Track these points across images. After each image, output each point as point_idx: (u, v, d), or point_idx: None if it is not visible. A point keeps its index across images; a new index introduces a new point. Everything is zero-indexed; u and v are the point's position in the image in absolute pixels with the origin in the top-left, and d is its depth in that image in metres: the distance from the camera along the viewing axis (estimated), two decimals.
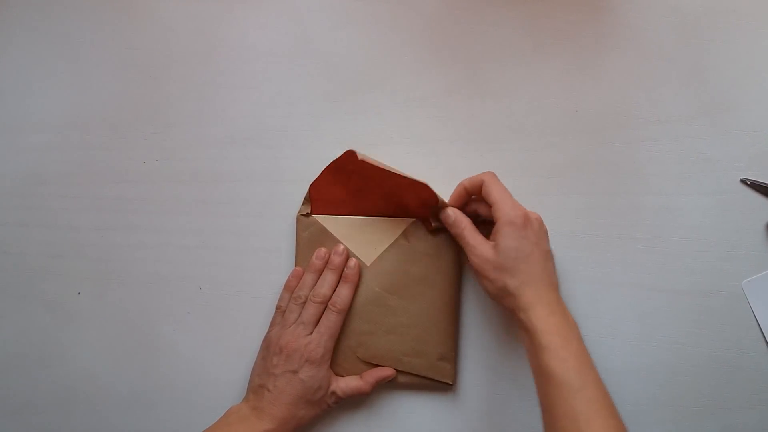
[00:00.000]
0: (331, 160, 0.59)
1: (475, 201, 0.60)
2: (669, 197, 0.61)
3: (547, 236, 0.57)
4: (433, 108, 0.62)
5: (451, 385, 0.62)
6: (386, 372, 0.61)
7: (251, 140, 0.62)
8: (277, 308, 0.61)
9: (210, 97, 0.63)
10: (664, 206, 0.61)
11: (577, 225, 0.62)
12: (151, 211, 0.63)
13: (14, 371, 0.64)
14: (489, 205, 0.56)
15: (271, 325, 0.61)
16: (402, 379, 0.61)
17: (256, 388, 0.59)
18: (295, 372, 0.58)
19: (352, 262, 0.60)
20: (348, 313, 0.60)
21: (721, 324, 0.61)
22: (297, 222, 0.62)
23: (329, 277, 0.60)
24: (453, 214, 0.58)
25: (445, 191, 0.62)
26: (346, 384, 0.60)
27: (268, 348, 0.60)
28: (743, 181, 0.61)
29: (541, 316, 0.53)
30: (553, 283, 0.56)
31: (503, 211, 0.55)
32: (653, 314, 0.62)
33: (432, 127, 0.62)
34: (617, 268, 0.62)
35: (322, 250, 0.60)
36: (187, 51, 0.63)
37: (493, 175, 0.57)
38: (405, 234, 0.61)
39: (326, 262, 0.61)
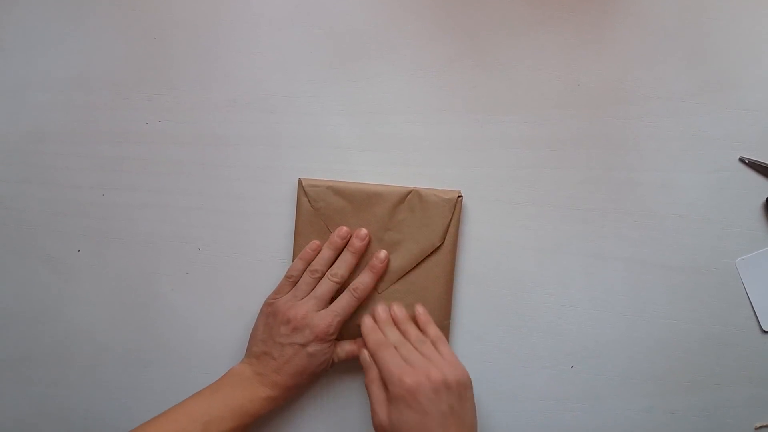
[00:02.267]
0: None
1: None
2: (667, 174, 0.62)
3: (446, 395, 0.51)
4: (434, 77, 0.62)
5: None
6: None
7: (253, 105, 0.63)
8: (287, 276, 0.61)
9: (213, 61, 0.63)
10: (662, 182, 0.62)
11: (574, 198, 0.62)
12: (152, 171, 0.64)
13: (13, 326, 0.65)
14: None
15: (278, 292, 0.61)
16: None
17: (260, 354, 0.59)
18: (303, 345, 0.58)
19: (383, 254, 0.61)
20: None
21: (713, 301, 0.62)
22: (298, 187, 0.62)
23: (349, 259, 0.60)
24: (368, 360, 0.56)
25: (444, 162, 0.62)
26: (342, 348, 0.61)
27: (275, 315, 0.59)
28: (742, 160, 0.62)
29: None
30: None
31: (388, 381, 0.52)
32: (646, 289, 0.62)
33: (433, 97, 0.62)
34: (612, 242, 0.62)
35: (344, 229, 0.61)
36: (192, 14, 0.63)
37: (379, 344, 0.55)
38: (405, 204, 0.61)
39: (346, 241, 0.61)
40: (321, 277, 0.60)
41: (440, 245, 0.61)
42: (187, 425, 0.54)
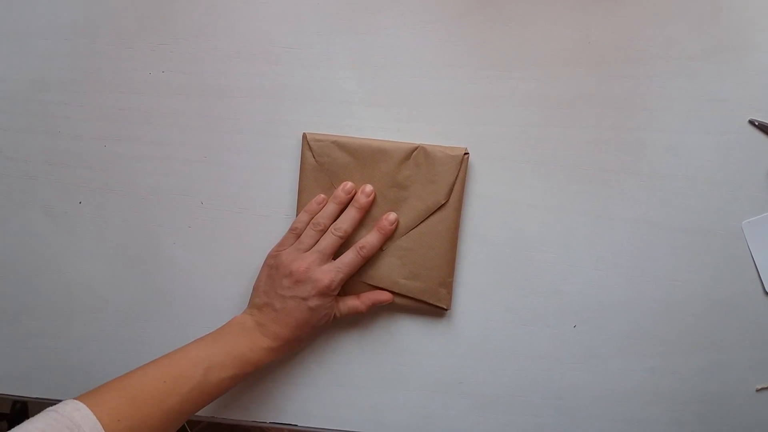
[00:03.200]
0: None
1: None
2: (675, 135, 0.61)
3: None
4: (443, 31, 0.61)
5: (447, 310, 0.63)
6: (384, 296, 0.61)
7: (258, 56, 0.62)
8: (291, 229, 0.61)
9: (218, 11, 0.62)
10: (670, 143, 0.61)
11: (581, 158, 0.62)
12: (155, 123, 0.63)
13: (13, 277, 0.65)
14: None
15: (281, 244, 0.61)
16: (399, 301, 0.62)
17: (261, 305, 0.59)
18: (304, 299, 0.58)
19: (392, 216, 0.60)
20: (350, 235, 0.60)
21: (718, 263, 0.62)
22: (302, 141, 0.61)
23: (354, 215, 0.60)
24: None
25: (451, 119, 0.62)
26: (344, 304, 0.61)
27: (278, 268, 0.59)
28: (751, 122, 0.61)
29: None
30: None
31: None
32: (651, 250, 0.62)
33: (441, 51, 0.61)
34: (618, 202, 0.62)
35: (349, 184, 0.60)
36: None
37: None
38: (411, 160, 0.61)
39: (351, 197, 0.60)
40: (324, 231, 0.59)
41: (445, 202, 0.61)
42: (188, 369, 0.54)
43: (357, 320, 0.63)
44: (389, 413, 0.64)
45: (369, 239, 0.60)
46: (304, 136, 0.61)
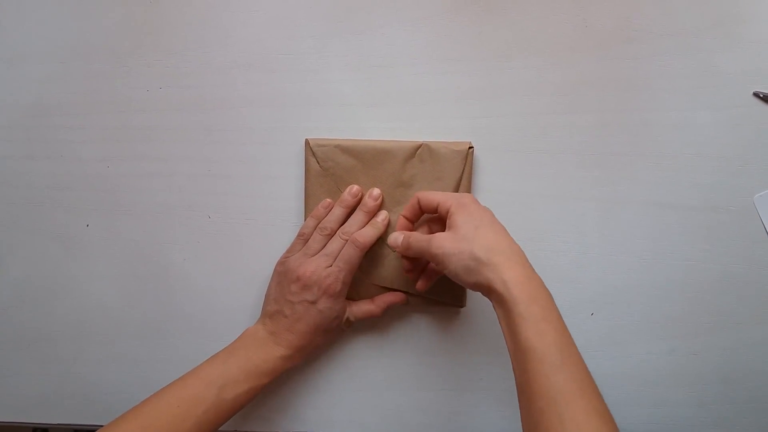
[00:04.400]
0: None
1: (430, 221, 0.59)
2: (680, 113, 0.61)
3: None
4: (438, 26, 0.60)
5: (462, 307, 0.62)
6: (397, 297, 0.61)
7: (254, 65, 0.61)
8: (299, 235, 0.60)
9: (211, 22, 0.61)
10: (676, 122, 0.61)
11: (587, 143, 0.61)
12: (156, 139, 0.63)
13: (27, 304, 0.65)
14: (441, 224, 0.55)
15: (290, 251, 0.60)
16: (413, 302, 0.62)
17: (273, 313, 0.59)
18: (312, 303, 0.57)
19: (376, 191, 0.60)
20: None
21: (732, 239, 0.61)
22: (305, 147, 0.61)
23: (361, 218, 0.59)
24: (398, 236, 0.57)
25: (453, 113, 0.61)
26: (359, 308, 0.60)
27: (286, 274, 0.59)
28: (756, 95, 0.60)
29: (517, 282, 0.48)
30: (521, 256, 0.51)
31: (447, 200, 0.54)
32: (664, 231, 0.61)
33: (438, 46, 0.61)
34: (628, 185, 0.61)
35: (355, 187, 0.60)
36: None
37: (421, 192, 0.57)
38: (416, 158, 0.60)
39: (358, 200, 0.60)
40: (331, 235, 0.59)
41: None
42: (201, 390, 0.54)
43: (373, 324, 0.63)
44: (411, 414, 0.64)
45: (364, 231, 0.59)
46: (307, 141, 0.61)
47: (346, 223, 0.59)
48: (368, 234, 0.59)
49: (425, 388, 0.64)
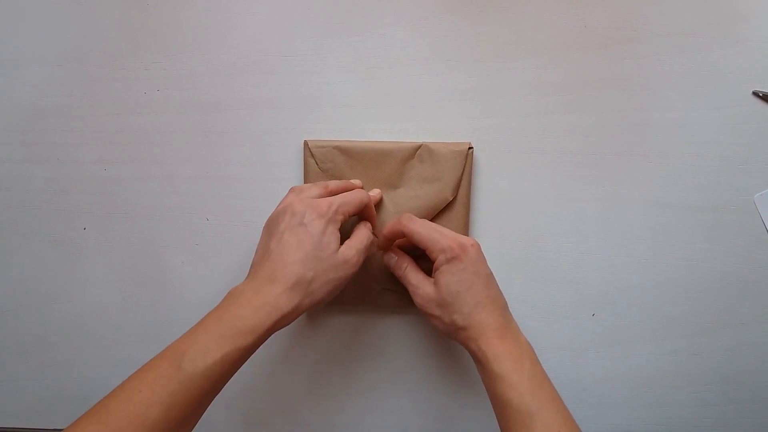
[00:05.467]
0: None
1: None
2: (679, 112, 0.60)
3: (485, 259, 0.55)
4: (437, 26, 0.60)
5: None
6: (398, 226, 0.55)
7: (252, 67, 0.61)
8: (291, 189, 0.55)
9: (209, 24, 0.61)
10: (675, 122, 0.60)
11: (587, 143, 0.61)
12: (154, 142, 0.62)
13: (24, 309, 0.64)
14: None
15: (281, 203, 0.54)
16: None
17: (258, 261, 0.51)
18: (303, 224, 0.50)
19: (376, 191, 0.60)
20: None
21: (733, 239, 0.61)
22: (304, 149, 0.61)
23: (360, 196, 0.55)
24: (394, 256, 0.58)
25: (452, 114, 0.61)
26: (356, 238, 0.54)
27: (275, 218, 0.52)
28: (755, 94, 0.60)
29: (490, 344, 0.51)
30: (500, 306, 0.54)
31: (435, 249, 0.53)
32: (665, 231, 0.61)
33: (437, 47, 0.60)
34: (628, 185, 0.61)
35: (357, 182, 0.59)
36: None
37: (410, 217, 0.55)
38: (415, 159, 0.60)
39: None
40: (330, 193, 0.55)
41: (453, 199, 0.60)
42: (165, 368, 0.45)
43: (374, 326, 0.63)
44: (412, 417, 0.63)
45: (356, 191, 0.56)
46: (306, 143, 0.60)
47: (344, 194, 0.55)
48: (361, 196, 0.55)
49: (426, 390, 0.63)
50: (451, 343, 0.63)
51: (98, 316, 0.64)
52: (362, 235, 0.54)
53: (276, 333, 0.49)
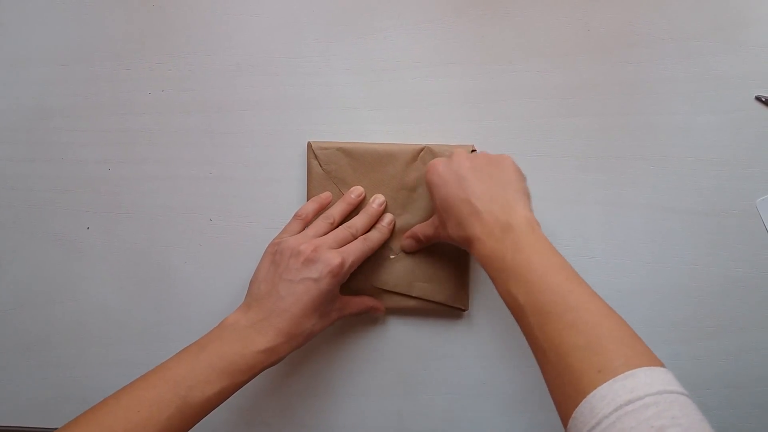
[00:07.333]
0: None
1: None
2: (682, 116, 0.61)
3: (459, 163, 0.53)
4: (441, 29, 0.61)
5: (465, 310, 0.62)
6: (372, 303, 0.60)
7: (257, 68, 0.61)
8: (296, 216, 0.57)
9: (214, 25, 0.61)
10: (677, 126, 0.61)
11: (590, 147, 0.61)
12: (158, 142, 0.62)
13: (27, 307, 0.64)
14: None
15: (286, 231, 0.57)
16: (416, 304, 0.61)
17: (263, 295, 0.52)
18: (315, 280, 0.52)
19: (389, 217, 0.60)
20: None
21: (735, 243, 0.61)
22: (308, 150, 0.61)
23: (365, 220, 0.58)
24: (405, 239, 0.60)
25: (455, 116, 0.61)
26: (351, 300, 0.59)
27: (282, 252, 0.53)
28: (758, 99, 0.60)
29: (476, 249, 0.50)
30: (473, 205, 0.51)
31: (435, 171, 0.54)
32: (667, 235, 0.61)
33: (441, 49, 0.61)
34: (630, 189, 0.61)
35: (359, 189, 0.59)
36: None
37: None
38: (418, 161, 0.60)
39: (361, 200, 0.59)
40: (335, 226, 0.57)
41: None
42: (166, 392, 0.47)
43: (375, 327, 0.63)
44: (414, 419, 0.63)
45: (370, 235, 0.58)
46: (309, 144, 0.61)
47: (351, 220, 0.58)
48: (376, 239, 0.58)
49: (427, 392, 0.63)
50: (451, 344, 0.63)
51: (101, 316, 0.64)
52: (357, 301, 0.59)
53: None
